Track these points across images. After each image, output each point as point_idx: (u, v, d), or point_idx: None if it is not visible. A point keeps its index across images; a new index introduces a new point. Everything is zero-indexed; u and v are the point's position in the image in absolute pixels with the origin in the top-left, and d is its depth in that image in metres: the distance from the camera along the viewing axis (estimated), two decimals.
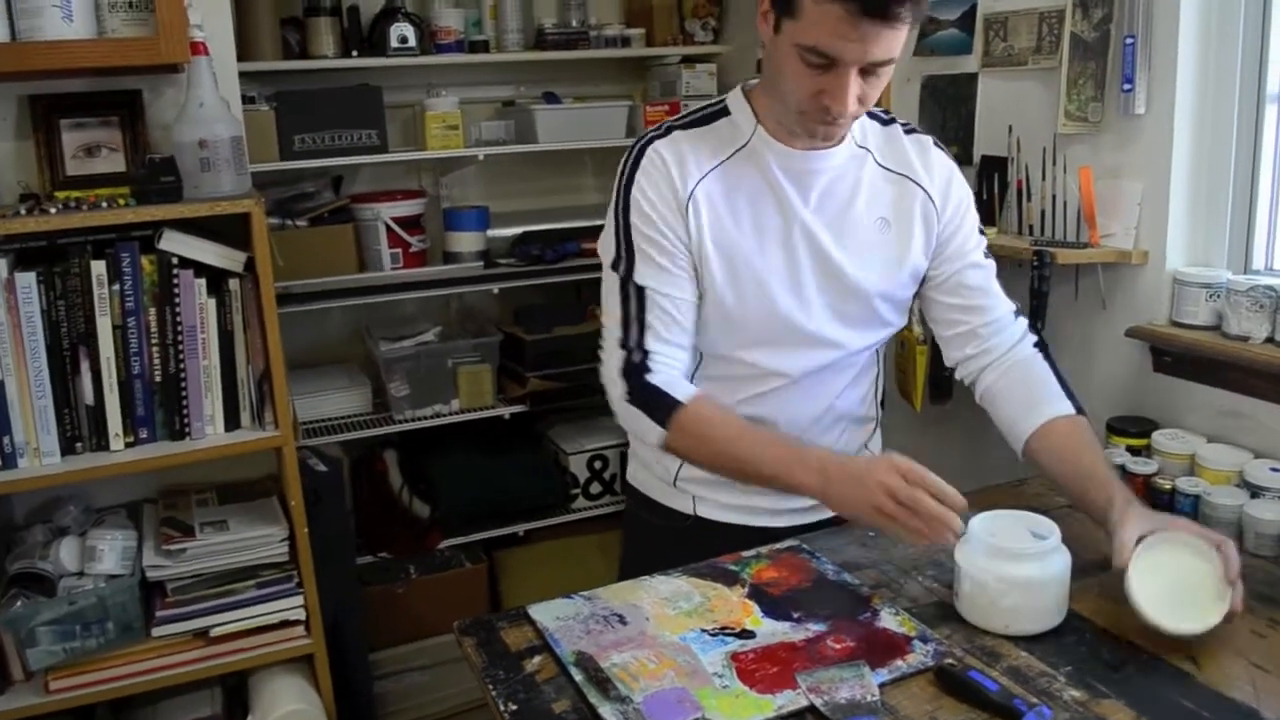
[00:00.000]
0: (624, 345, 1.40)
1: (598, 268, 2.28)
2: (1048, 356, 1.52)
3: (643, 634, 1.35)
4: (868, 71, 1.26)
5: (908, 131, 1.48)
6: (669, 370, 1.41)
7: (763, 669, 1.26)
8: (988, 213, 2.02)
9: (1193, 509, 1.59)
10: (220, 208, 1.74)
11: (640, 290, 1.38)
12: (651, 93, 2.92)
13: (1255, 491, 1.55)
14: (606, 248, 1.43)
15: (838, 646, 1.31)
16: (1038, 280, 1.81)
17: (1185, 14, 1.65)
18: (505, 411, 2.68)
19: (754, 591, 1.45)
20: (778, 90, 1.32)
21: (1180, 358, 1.72)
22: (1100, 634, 1.30)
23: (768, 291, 1.42)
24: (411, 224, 2.68)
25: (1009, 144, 1.96)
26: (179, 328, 1.80)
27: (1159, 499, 1.65)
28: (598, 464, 2.82)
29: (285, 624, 1.90)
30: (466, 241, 2.73)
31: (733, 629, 1.36)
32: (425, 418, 2.62)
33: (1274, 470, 1.56)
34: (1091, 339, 1.88)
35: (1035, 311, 1.83)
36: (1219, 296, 1.68)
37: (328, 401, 2.61)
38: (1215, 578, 1.26)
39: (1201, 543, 1.28)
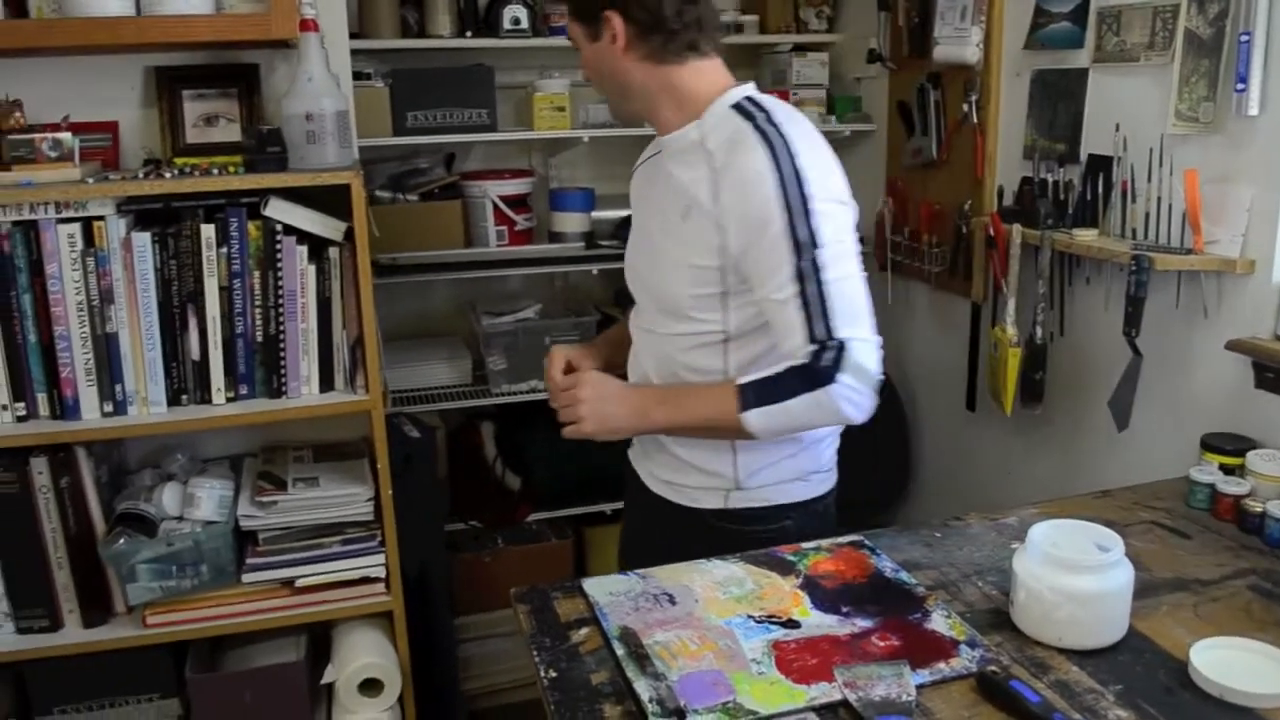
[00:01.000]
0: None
1: None
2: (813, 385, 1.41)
3: (690, 615, 1.37)
4: None
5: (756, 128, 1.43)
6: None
7: (802, 659, 1.26)
8: (1091, 213, 1.95)
9: None
10: (322, 178, 1.82)
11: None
12: (762, 80, 2.90)
13: None
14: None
15: (882, 644, 1.30)
16: (1135, 286, 1.74)
17: None
18: None
19: (807, 583, 1.45)
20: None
21: None
22: (1161, 655, 1.26)
23: (634, 258, 1.66)
24: (518, 203, 2.74)
25: (1115, 143, 1.89)
26: (280, 291, 1.89)
27: (1249, 521, 1.58)
28: None
29: (366, 580, 1.99)
30: (571, 222, 2.78)
31: (779, 618, 1.36)
32: (521, 392, 2.68)
33: None
34: (1190, 350, 1.79)
35: (1130, 318, 1.76)
36: None
37: (428, 371, 2.69)
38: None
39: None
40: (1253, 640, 1.27)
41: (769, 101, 1.49)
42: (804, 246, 1.37)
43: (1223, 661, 1.23)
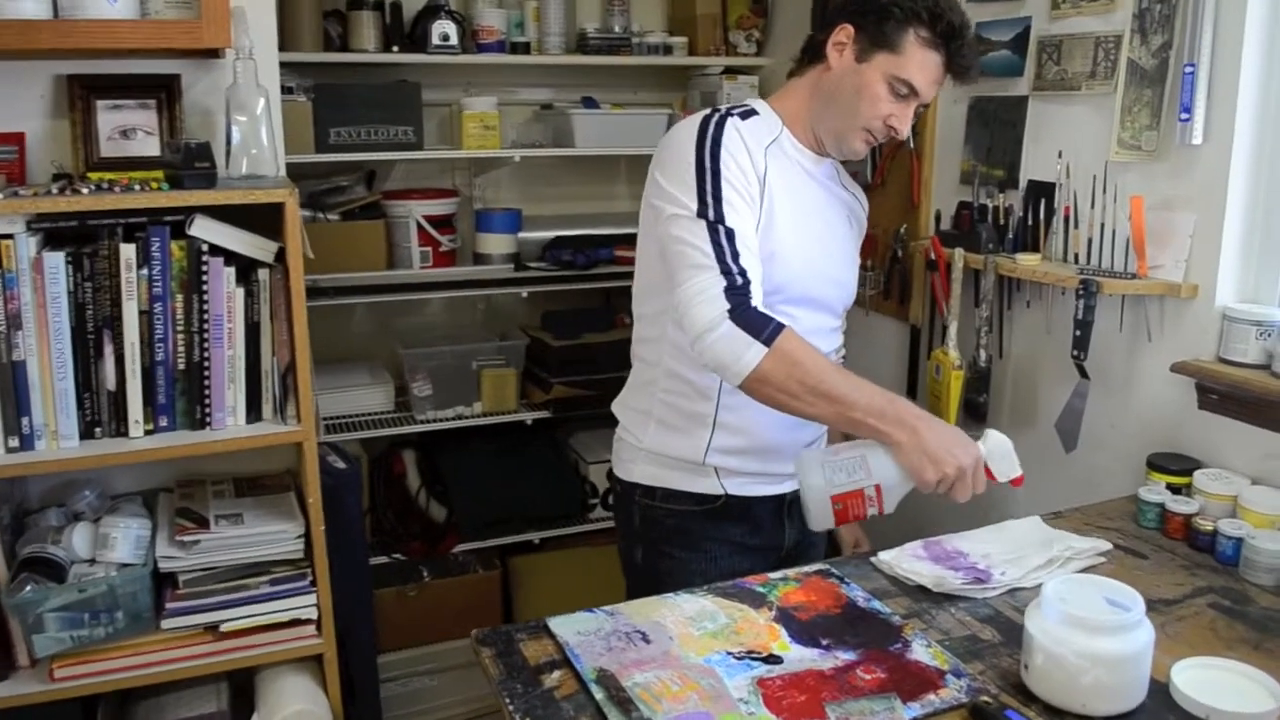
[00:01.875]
0: (725, 272, 1.43)
1: (630, 275, 2.30)
2: None
3: (666, 654, 1.32)
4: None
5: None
6: (760, 299, 1.46)
7: (790, 696, 1.22)
8: (1032, 238, 1.98)
9: (1235, 552, 1.54)
10: (254, 196, 1.71)
11: (731, 232, 1.45)
12: (691, 102, 2.89)
13: None
14: (676, 199, 1.48)
15: (868, 677, 1.27)
16: (1083, 310, 1.77)
17: (1249, 44, 1.60)
18: (528, 416, 2.65)
19: (781, 615, 1.42)
20: (841, 108, 1.55)
21: (1227, 396, 1.67)
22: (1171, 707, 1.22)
23: (818, 262, 1.61)
24: (443, 223, 2.66)
25: (1057, 169, 1.92)
26: (205, 316, 1.77)
27: (1200, 539, 1.60)
28: None
29: (296, 622, 1.87)
30: (497, 244, 2.71)
31: (759, 653, 1.32)
32: (446, 419, 2.59)
33: None
34: (1135, 372, 1.83)
35: (1079, 341, 1.79)
36: (1269, 335, 1.63)
37: (349, 398, 2.58)
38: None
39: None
40: (1225, 659, 1.28)
41: None
42: None
43: (1201, 681, 1.23)
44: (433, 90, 2.62)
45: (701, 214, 1.46)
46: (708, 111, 1.56)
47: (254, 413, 1.84)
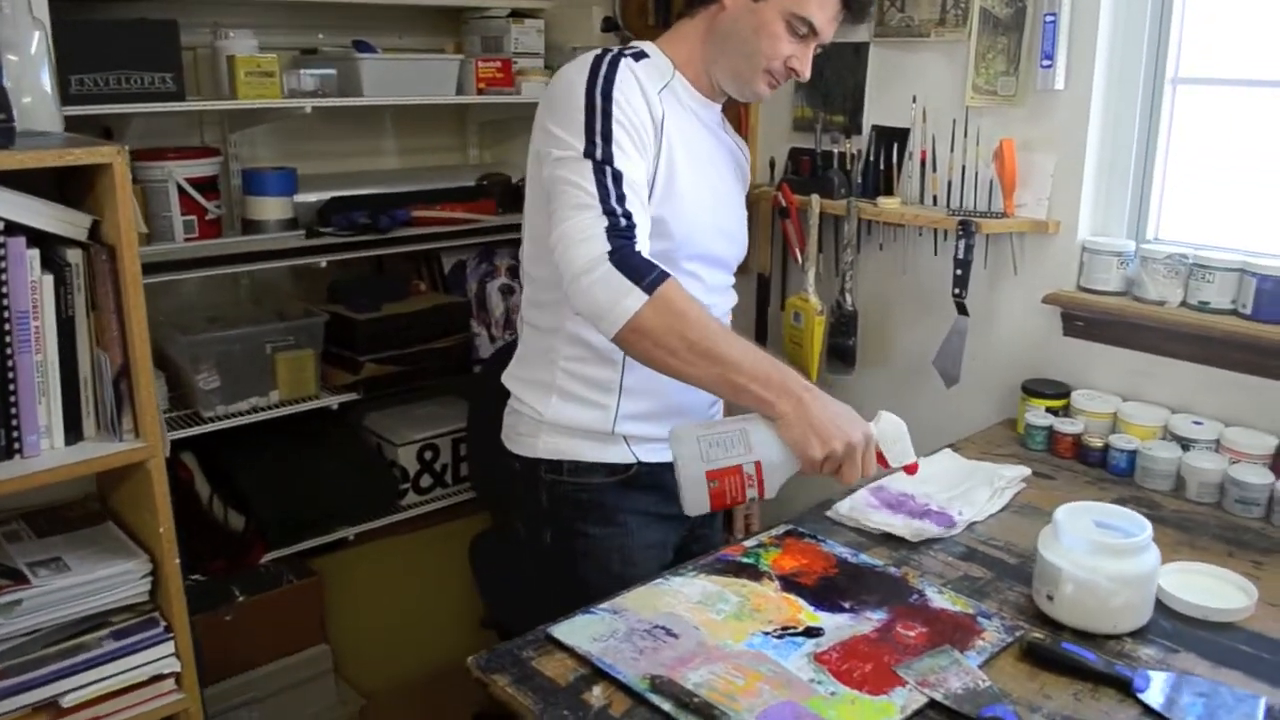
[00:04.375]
0: (609, 213, 1.33)
1: (434, 237, 2.31)
2: None
3: (702, 645, 1.23)
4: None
5: None
6: (645, 248, 1.36)
7: (855, 667, 1.18)
8: (886, 182, 2.03)
9: (1129, 464, 1.70)
10: (73, 156, 1.35)
11: (618, 175, 1.36)
12: (470, 46, 2.67)
13: (1185, 444, 1.67)
14: (563, 141, 1.39)
15: (911, 634, 1.25)
16: (963, 249, 1.85)
17: None
18: (333, 401, 2.36)
19: (787, 584, 1.37)
20: (739, 49, 1.48)
21: (1092, 322, 1.83)
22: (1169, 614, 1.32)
23: (715, 214, 1.55)
24: (207, 186, 2.27)
25: (912, 115, 1.98)
26: (5, 313, 1.39)
27: (1090, 455, 1.75)
28: (428, 454, 2.57)
29: (156, 679, 1.54)
30: (272, 208, 2.35)
31: (794, 627, 1.27)
32: (241, 413, 2.24)
33: (1197, 423, 1.69)
34: (1000, 305, 1.95)
35: (959, 280, 1.87)
36: (1128, 264, 1.79)
37: None
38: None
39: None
40: (1189, 563, 1.40)
41: None
42: None
43: (1181, 585, 1.34)
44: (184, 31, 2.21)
45: (588, 154, 1.36)
46: (599, 51, 1.46)
47: (73, 431, 1.48)
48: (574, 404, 1.53)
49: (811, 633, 1.25)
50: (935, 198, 1.97)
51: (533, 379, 1.57)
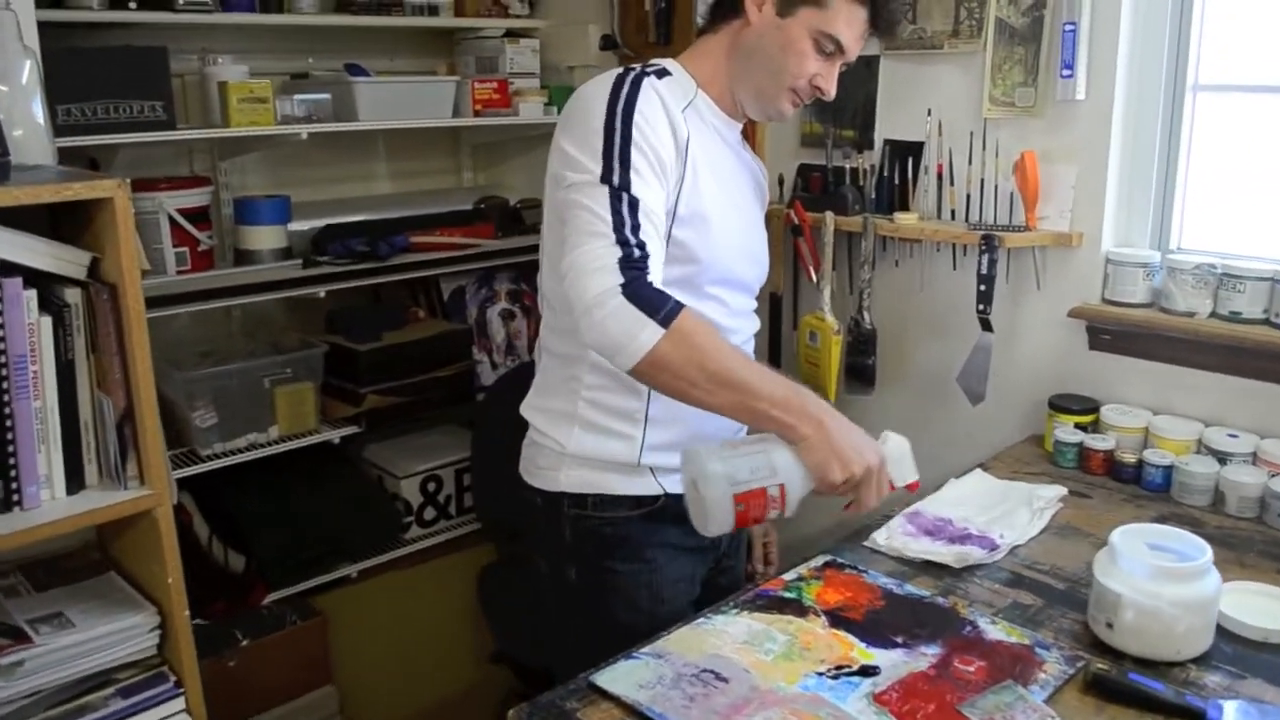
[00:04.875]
0: (623, 243, 1.28)
1: (433, 264, 2.27)
2: None
3: (755, 689, 1.17)
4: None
5: None
6: (658, 279, 1.31)
7: (919, 707, 1.13)
8: (900, 197, 1.99)
9: (1165, 480, 1.66)
10: (71, 192, 1.29)
11: (635, 202, 1.30)
12: (464, 68, 2.62)
13: (1222, 458, 1.64)
14: (580, 164, 1.33)
15: (970, 669, 1.20)
16: (986, 265, 1.81)
17: (1125, 2, 1.70)
18: (334, 435, 2.29)
19: (834, 619, 1.31)
20: (764, 67, 1.43)
21: (1120, 334, 1.79)
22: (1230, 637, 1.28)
23: (740, 236, 1.50)
24: (199, 217, 2.20)
25: (927, 128, 1.95)
26: (2, 358, 1.31)
27: (1124, 472, 1.71)
28: (431, 486, 2.50)
29: None
30: (266, 237, 2.29)
31: (848, 666, 1.21)
32: (240, 450, 2.17)
33: (1232, 436, 1.66)
34: (1023, 320, 1.91)
35: (983, 296, 1.83)
36: (1154, 275, 1.76)
37: None
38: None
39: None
40: (1243, 582, 1.36)
41: None
42: None
43: (1239, 606, 1.29)
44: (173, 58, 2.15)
45: (605, 179, 1.31)
46: (620, 70, 1.40)
47: (74, 480, 1.41)
48: (597, 435, 1.47)
49: (867, 671, 1.20)
50: (953, 212, 1.93)
51: (553, 409, 1.51)
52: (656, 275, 1.30)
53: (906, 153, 1.98)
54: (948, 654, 1.23)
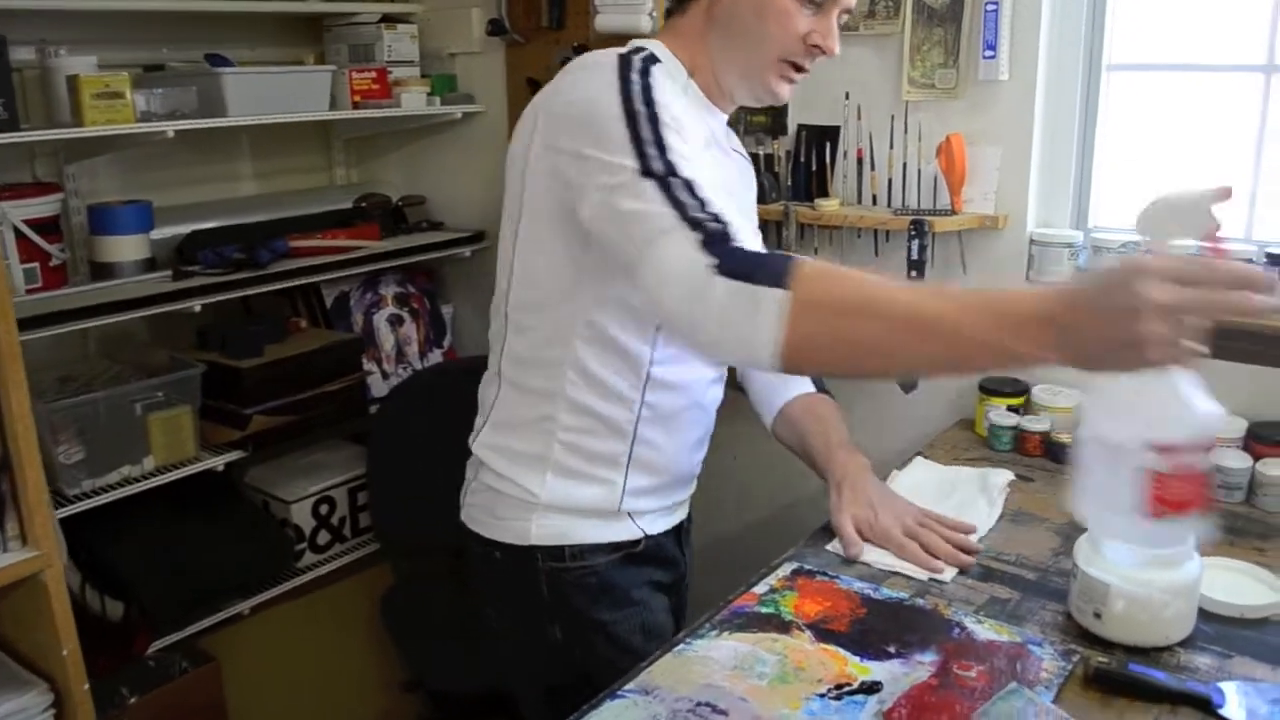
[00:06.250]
0: (694, 224, 1.06)
1: (317, 269, 2.15)
2: None
3: (759, 719, 1.09)
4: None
5: None
6: (754, 245, 1.11)
7: None
8: (819, 183, 1.95)
9: None
10: None
11: (689, 183, 1.10)
12: (335, 56, 2.43)
13: None
14: (607, 164, 1.13)
15: (971, 674, 1.16)
16: (917, 250, 1.78)
17: None
18: (218, 462, 2.08)
19: (820, 633, 1.24)
20: (744, 38, 1.27)
21: None
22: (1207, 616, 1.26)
23: (753, 239, 1.35)
24: (49, 228, 1.97)
25: (845, 112, 1.90)
26: None
27: (1060, 453, 1.71)
28: (324, 508, 2.32)
29: None
30: (126, 248, 2.07)
31: (849, 684, 1.15)
32: (112, 486, 1.94)
33: None
34: None
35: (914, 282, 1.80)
36: (1078, 255, 1.77)
37: None
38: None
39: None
40: (1210, 558, 1.37)
41: None
42: None
43: (1209, 583, 1.30)
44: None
45: (646, 170, 1.11)
46: (612, 56, 1.23)
47: None
48: (573, 481, 1.32)
49: (869, 688, 1.14)
50: (875, 197, 1.90)
51: (520, 451, 1.34)
52: (750, 242, 1.08)
53: (823, 138, 1.94)
54: (945, 660, 1.18)
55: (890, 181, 1.87)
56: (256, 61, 2.40)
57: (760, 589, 1.35)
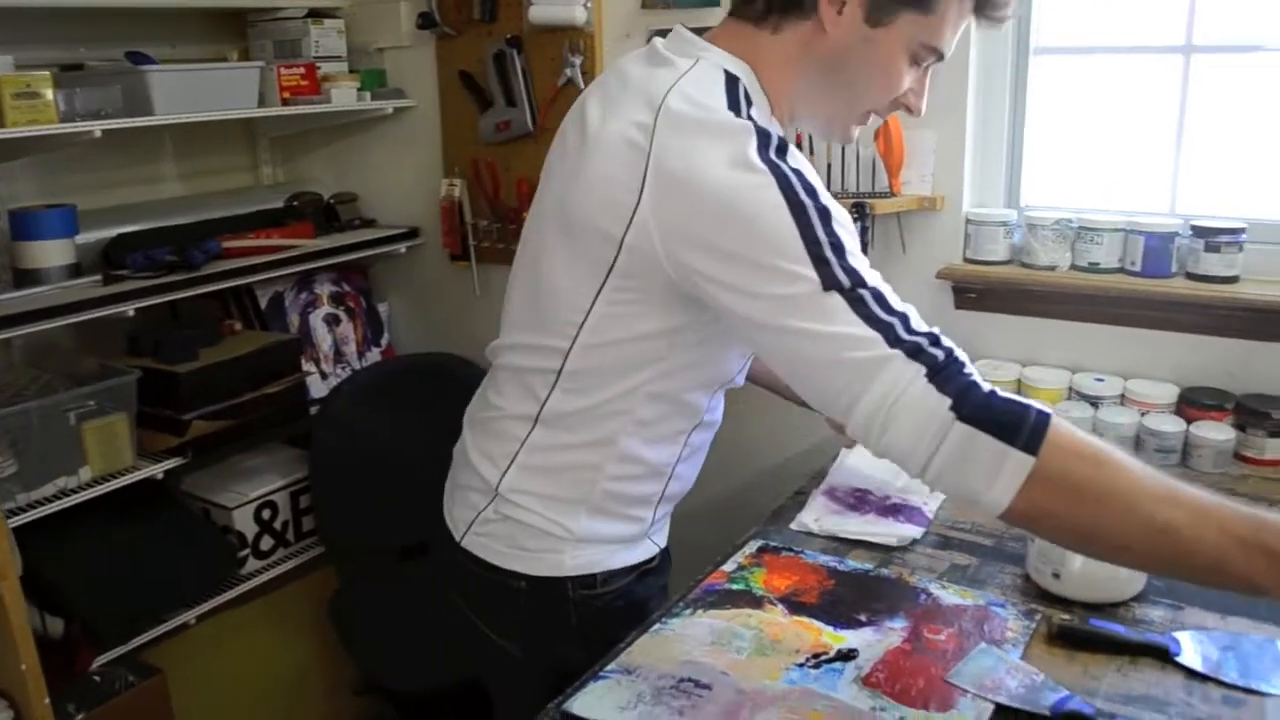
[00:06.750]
0: (912, 351, 0.96)
1: (252, 269, 2.08)
2: None
3: (741, 692, 1.12)
4: None
5: None
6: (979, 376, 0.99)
7: (909, 684, 1.12)
8: None
9: None
10: None
11: (879, 294, 1.00)
12: (260, 52, 2.37)
13: (1093, 402, 1.72)
14: (777, 271, 1.00)
15: (941, 637, 1.20)
16: (859, 232, 1.81)
17: None
18: (157, 470, 2.02)
19: (792, 606, 1.27)
20: (846, 88, 1.15)
21: (985, 293, 1.85)
22: None
23: None
24: None
25: None
26: None
27: None
28: (266, 513, 2.28)
29: None
30: (51, 253, 2.00)
31: (825, 653, 1.18)
32: (48, 498, 1.88)
33: (1099, 380, 1.75)
34: (890, 284, 1.93)
35: None
36: (1014, 233, 1.83)
37: None
38: None
39: None
40: None
41: None
42: None
43: None
44: None
45: (830, 283, 0.98)
46: (727, 124, 1.04)
47: None
48: (608, 518, 1.27)
49: (845, 655, 1.17)
50: None
51: (555, 495, 1.26)
52: (973, 367, 0.98)
53: None
54: (915, 625, 1.22)
55: (830, 166, 1.90)
56: (179, 59, 2.33)
57: (729, 566, 1.38)
